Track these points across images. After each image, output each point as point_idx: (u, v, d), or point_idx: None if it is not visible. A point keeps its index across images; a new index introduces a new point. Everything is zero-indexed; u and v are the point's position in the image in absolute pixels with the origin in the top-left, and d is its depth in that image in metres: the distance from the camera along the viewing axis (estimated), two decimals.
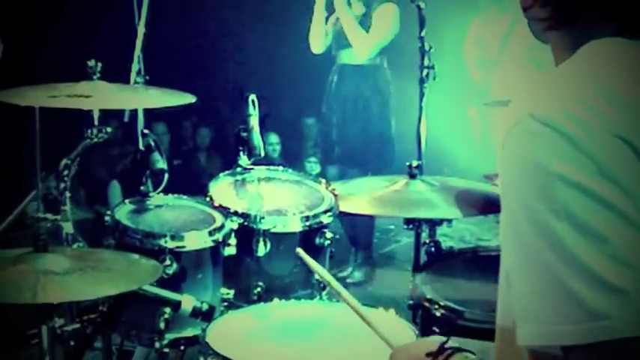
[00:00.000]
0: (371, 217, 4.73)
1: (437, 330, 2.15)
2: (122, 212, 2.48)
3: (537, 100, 0.94)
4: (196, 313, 2.17)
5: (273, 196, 2.67)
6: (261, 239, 2.44)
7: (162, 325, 2.26)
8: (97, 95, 2.40)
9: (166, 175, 2.55)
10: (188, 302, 2.17)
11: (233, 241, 2.44)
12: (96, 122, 2.41)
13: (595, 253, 0.86)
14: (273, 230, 2.46)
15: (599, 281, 0.85)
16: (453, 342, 1.26)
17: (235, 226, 2.45)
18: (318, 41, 4.72)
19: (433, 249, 2.63)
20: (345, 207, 2.60)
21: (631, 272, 0.85)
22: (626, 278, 0.85)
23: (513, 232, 0.93)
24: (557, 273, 0.87)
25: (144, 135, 2.57)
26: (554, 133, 0.89)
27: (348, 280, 4.58)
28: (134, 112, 3.13)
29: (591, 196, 0.87)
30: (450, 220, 2.67)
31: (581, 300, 0.86)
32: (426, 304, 2.20)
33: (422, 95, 3.18)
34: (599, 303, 0.85)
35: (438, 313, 2.17)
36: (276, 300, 2.24)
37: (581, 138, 0.88)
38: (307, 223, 2.52)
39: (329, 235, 2.55)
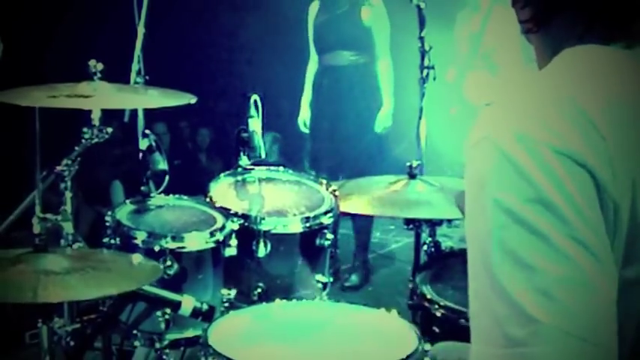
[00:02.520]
0: (369, 220, 4.71)
1: (437, 330, 2.15)
2: (123, 213, 2.48)
3: (493, 121, 0.95)
4: (196, 313, 2.17)
5: (274, 197, 2.67)
6: (261, 240, 2.44)
7: (162, 326, 2.27)
8: (97, 95, 2.39)
9: (167, 176, 2.55)
10: (188, 303, 2.17)
11: (234, 241, 2.44)
12: (96, 122, 2.41)
13: (516, 279, 0.87)
14: (273, 231, 2.46)
15: (519, 310, 0.87)
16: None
17: (236, 226, 2.45)
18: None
19: (433, 249, 2.63)
20: (346, 207, 2.60)
21: (551, 303, 0.86)
22: (542, 308, 0.86)
23: (469, 253, 0.95)
24: (487, 296, 0.90)
25: (145, 135, 2.57)
26: (501, 158, 0.91)
27: (346, 284, 4.57)
28: (134, 112, 3.13)
29: (521, 224, 0.88)
30: (450, 220, 2.67)
31: (502, 325, 0.88)
32: (426, 304, 2.20)
33: (422, 95, 3.18)
34: (515, 331, 0.87)
35: (438, 313, 2.17)
36: (277, 300, 2.24)
37: (526, 163, 0.89)
38: (307, 224, 2.52)
39: (329, 235, 2.55)
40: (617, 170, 0.90)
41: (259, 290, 2.46)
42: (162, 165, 2.51)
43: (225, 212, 2.49)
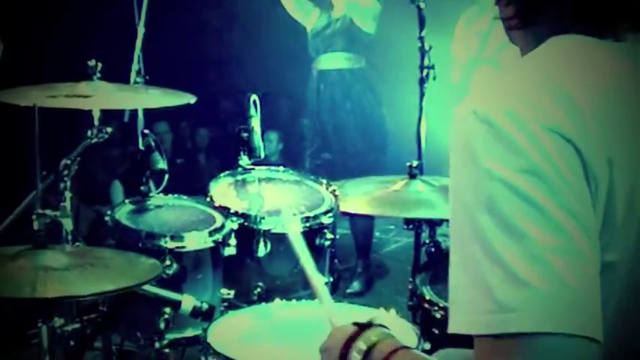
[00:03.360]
0: (369, 222, 4.69)
1: (436, 331, 2.15)
2: (122, 212, 2.48)
3: (482, 97, 0.97)
4: (196, 313, 2.17)
5: (274, 197, 2.67)
6: (261, 240, 2.44)
7: (162, 325, 2.27)
8: (97, 95, 2.40)
9: (166, 176, 2.55)
10: (188, 302, 2.17)
11: (233, 241, 2.44)
12: (96, 122, 2.41)
13: (511, 247, 0.88)
14: (273, 231, 2.46)
15: (512, 275, 0.87)
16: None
17: (235, 226, 2.45)
18: (301, 16, 4.65)
19: (433, 249, 2.63)
20: (346, 207, 2.60)
21: (543, 269, 0.87)
22: (537, 275, 0.87)
23: (453, 224, 0.96)
24: (478, 264, 0.90)
25: (144, 135, 2.57)
26: (490, 130, 0.92)
27: (348, 291, 4.54)
28: (134, 112, 3.13)
29: (514, 191, 0.89)
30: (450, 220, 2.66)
31: (491, 290, 0.88)
32: (426, 305, 2.20)
33: (422, 95, 3.18)
34: (506, 295, 0.87)
35: (437, 315, 2.16)
36: (276, 300, 2.24)
37: (515, 135, 0.90)
38: (307, 224, 2.52)
39: (329, 235, 2.55)
40: (597, 151, 0.92)
41: (259, 290, 2.45)
42: (162, 164, 2.51)
43: (225, 212, 2.49)
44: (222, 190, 2.66)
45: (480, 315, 0.89)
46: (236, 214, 2.48)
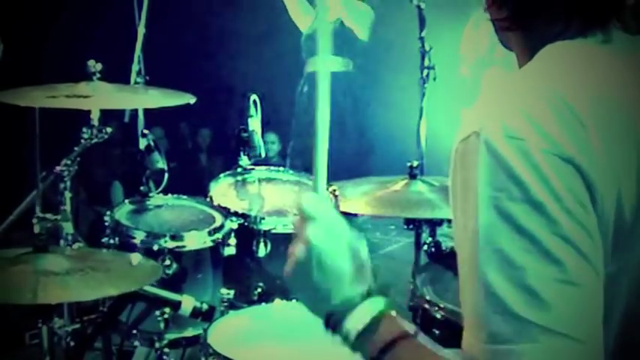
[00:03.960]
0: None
1: (437, 332, 2.14)
2: (122, 212, 2.48)
3: (485, 118, 0.95)
4: (196, 313, 2.17)
5: (274, 197, 2.66)
6: (261, 240, 2.43)
7: (162, 325, 2.26)
8: (97, 95, 2.39)
9: (166, 175, 2.55)
10: (188, 302, 2.17)
11: (233, 241, 2.44)
12: (95, 122, 2.40)
13: (504, 277, 0.88)
14: (273, 231, 2.46)
15: (503, 307, 0.87)
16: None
17: (235, 225, 2.45)
18: (301, 19, 4.61)
19: (433, 249, 2.62)
20: (346, 207, 2.60)
21: (535, 301, 0.86)
22: (528, 307, 0.86)
23: (456, 243, 0.95)
24: (474, 291, 0.90)
25: (143, 135, 2.57)
26: (490, 156, 0.91)
27: None
28: (134, 113, 3.13)
29: (508, 222, 0.89)
30: (450, 221, 2.66)
31: (486, 322, 0.88)
32: (426, 305, 2.19)
33: (422, 95, 3.18)
34: (499, 328, 0.87)
35: (437, 315, 2.16)
36: (276, 300, 2.23)
37: (515, 164, 0.89)
38: None
39: None
40: (602, 165, 0.91)
41: (259, 290, 2.45)
42: (161, 164, 2.51)
43: (225, 211, 2.49)
44: (222, 190, 2.66)
45: (477, 342, 0.89)
46: (236, 214, 2.48)
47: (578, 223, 0.89)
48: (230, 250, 2.44)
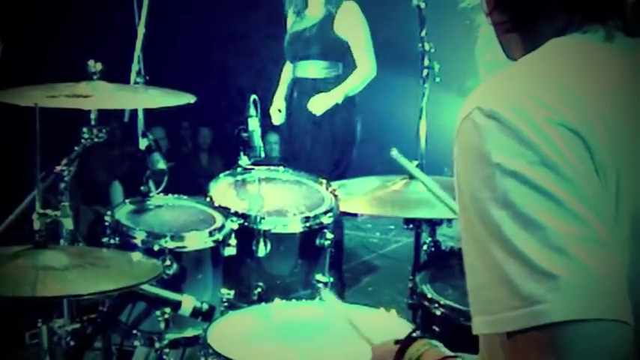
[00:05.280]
0: (339, 233, 4.49)
1: (437, 329, 2.15)
2: (122, 212, 2.48)
3: (487, 95, 0.97)
4: (196, 313, 2.17)
5: (274, 197, 2.67)
6: (261, 240, 2.44)
7: (162, 325, 2.27)
8: (97, 95, 2.39)
9: (166, 176, 2.55)
10: (188, 302, 2.17)
11: (233, 241, 2.44)
12: (93, 122, 2.41)
13: (530, 239, 0.88)
14: (273, 231, 2.46)
15: (534, 268, 0.87)
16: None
17: (235, 226, 2.45)
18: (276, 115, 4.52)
19: (433, 249, 2.63)
20: (346, 207, 2.60)
21: (565, 259, 0.86)
22: (557, 264, 0.86)
23: (465, 224, 0.95)
24: (497, 260, 0.89)
25: (144, 135, 2.57)
26: (498, 125, 0.92)
27: None
28: (134, 113, 3.13)
29: (528, 184, 0.89)
30: (450, 220, 2.67)
31: (516, 286, 0.87)
32: (426, 303, 2.20)
33: (422, 95, 3.18)
34: (531, 288, 0.86)
35: (438, 312, 2.16)
36: (277, 300, 2.24)
37: (523, 129, 0.91)
38: (307, 224, 2.52)
39: (329, 235, 2.55)
40: (604, 145, 0.92)
41: (259, 290, 2.45)
42: (162, 164, 2.51)
43: (225, 212, 2.49)
44: (222, 190, 2.66)
45: (507, 312, 0.88)
46: (236, 214, 2.48)
47: (592, 186, 0.90)
48: (230, 251, 2.44)
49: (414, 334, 1.30)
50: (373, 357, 1.39)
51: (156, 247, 2.32)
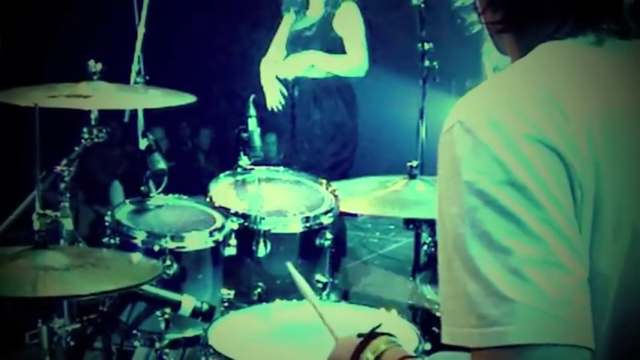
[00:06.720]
0: (342, 234, 4.47)
1: (437, 330, 2.15)
2: (122, 212, 2.48)
3: (470, 107, 0.97)
4: (196, 313, 2.17)
5: (274, 197, 2.67)
6: (261, 240, 2.44)
7: (162, 325, 2.27)
8: (97, 95, 2.39)
9: (166, 176, 2.55)
10: (188, 302, 2.17)
11: (233, 241, 2.44)
12: (93, 122, 2.40)
13: (491, 260, 0.89)
14: (273, 231, 2.46)
15: (492, 289, 0.88)
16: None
17: (235, 226, 2.45)
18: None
19: (433, 249, 2.63)
20: (346, 207, 2.60)
21: (521, 282, 0.87)
22: (515, 288, 0.87)
23: (439, 233, 0.96)
24: (459, 277, 0.91)
25: (144, 135, 2.57)
26: (473, 142, 0.92)
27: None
28: (134, 113, 3.13)
29: (491, 205, 0.90)
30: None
31: (476, 304, 0.89)
32: (426, 304, 2.20)
33: (422, 95, 3.18)
34: (490, 310, 0.88)
35: (438, 313, 2.16)
36: (277, 300, 2.24)
37: (496, 147, 0.91)
38: (307, 224, 2.52)
39: (329, 235, 2.55)
40: (584, 158, 0.92)
41: (259, 290, 2.45)
42: (163, 165, 2.51)
43: (225, 212, 2.49)
44: (222, 190, 2.66)
45: (467, 328, 0.90)
46: (236, 214, 2.48)
47: (561, 209, 0.90)
48: (230, 251, 2.44)
49: (377, 330, 1.31)
50: (335, 348, 1.41)
51: (156, 248, 2.32)
